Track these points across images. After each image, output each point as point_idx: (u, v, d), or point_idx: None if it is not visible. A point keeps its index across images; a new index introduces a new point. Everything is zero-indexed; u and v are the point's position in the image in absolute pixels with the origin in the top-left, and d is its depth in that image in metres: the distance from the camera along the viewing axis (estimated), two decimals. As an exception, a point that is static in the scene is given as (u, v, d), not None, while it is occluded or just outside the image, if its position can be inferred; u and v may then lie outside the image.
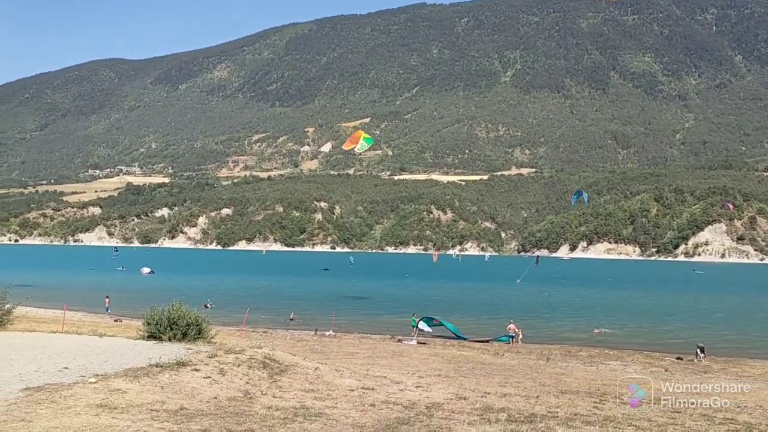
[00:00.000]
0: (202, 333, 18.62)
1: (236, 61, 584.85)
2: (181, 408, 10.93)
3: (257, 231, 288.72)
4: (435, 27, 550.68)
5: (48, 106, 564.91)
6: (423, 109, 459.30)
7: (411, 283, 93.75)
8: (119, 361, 14.06)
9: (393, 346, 32.64)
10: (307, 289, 76.81)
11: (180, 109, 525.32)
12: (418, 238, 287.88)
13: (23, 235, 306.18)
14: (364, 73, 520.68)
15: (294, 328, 41.29)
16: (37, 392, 10.88)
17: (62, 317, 33.48)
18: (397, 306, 56.09)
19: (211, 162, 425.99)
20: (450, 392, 15.02)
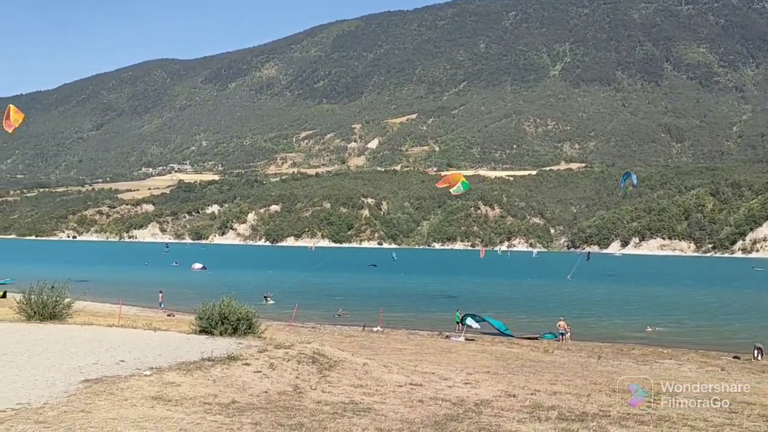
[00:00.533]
0: (252, 328, 18.86)
1: (284, 59, 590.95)
2: (233, 401, 11.11)
3: (305, 227, 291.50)
4: (482, 21, 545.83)
5: (104, 107, 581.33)
6: (470, 105, 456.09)
7: (459, 279, 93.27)
8: (173, 355, 14.36)
9: (441, 342, 32.55)
10: (355, 285, 77.22)
11: (229, 108, 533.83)
12: (465, 234, 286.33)
13: (81, 231, 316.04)
14: (410, 69, 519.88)
15: (342, 323, 41.58)
16: (95, 384, 11.20)
17: (118, 311, 34.44)
18: (445, 302, 55.92)
19: (259, 159, 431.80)
20: (499, 389, 14.90)
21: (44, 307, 21.24)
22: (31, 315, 21.15)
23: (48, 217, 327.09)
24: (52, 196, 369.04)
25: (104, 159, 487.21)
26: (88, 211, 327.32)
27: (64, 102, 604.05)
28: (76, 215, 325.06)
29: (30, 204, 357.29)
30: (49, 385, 10.98)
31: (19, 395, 10.19)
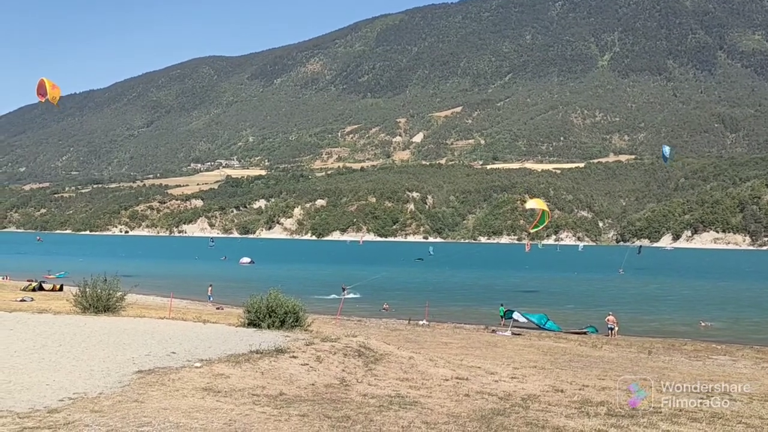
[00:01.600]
0: (299, 321, 19.09)
1: (328, 55, 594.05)
2: (281, 393, 11.25)
3: (350, 221, 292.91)
4: (528, 12, 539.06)
5: (153, 104, 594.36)
6: (516, 97, 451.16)
7: (505, 273, 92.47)
8: (222, 347, 14.63)
9: (487, 336, 32.35)
10: (400, 279, 77.26)
11: (275, 103, 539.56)
12: (511, 227, 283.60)
13: (132, 226, 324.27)
14: (455, 61, 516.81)
15: (387, 317, 41.67)
16: (148, 375, 11.49)
17: (169, 304, 35.23)
18: (490, 296, 55.51)
19: (305, 154, 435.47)
20: (546, 384, 14.73)
21: (98, 300, 21.91)
22: (87, 307, 21.84)
23: (101, 213, 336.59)
24: (105, 192, 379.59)
25: (154, 155, 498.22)
26: (140, 207, 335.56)
27: (115, 100, 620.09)
28: (128, 210, 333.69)
29: (84, 200, 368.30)
30: (104, 376, 11.30)
31: (76, 385, 10.52)
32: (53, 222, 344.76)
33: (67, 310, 22.75)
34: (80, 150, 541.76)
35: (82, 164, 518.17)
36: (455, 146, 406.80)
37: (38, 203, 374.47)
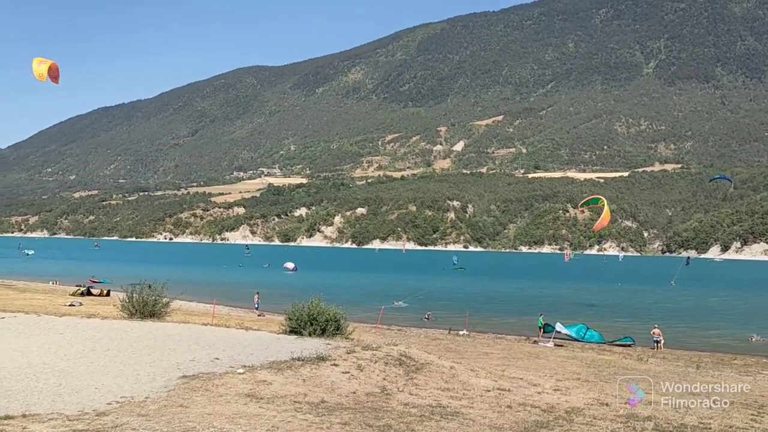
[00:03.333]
0: (340, 329, 19.15)
1: (370, 64, 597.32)
2: (322, 401, 11.29)
3: (391, 230, 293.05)
4: (571, 20, 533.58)
5: (198, 114, 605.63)
6: (558, 105, 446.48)
7: (547, 283, 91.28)
8: (264, 354, 14.76)
9: (528, 347, 31.95)
10: (441, 288, 76.91)
11: (317, 112, 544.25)
12: (553, 237, 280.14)
13: (177, 233, 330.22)
14: (497, 70, 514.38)
15: (428, 326, 41.51)
16: (192, 380, 11.65)
17: (212, 311, 35.71)
18: (531, 307, 54.81)
19: (346, 163, 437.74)
20: (591, 397, 14.47)
21: (144, 306, 22.35)
22: (133, 313, 22.29)
23: (147, 220, 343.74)
24: (151, 199, 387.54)
25: (198, 164, 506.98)
26: (184, 214, 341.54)
27: (162, 110, 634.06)
28: (172, 218, 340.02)
29: (131, 207, 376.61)
30: (150, 380, 11.50)
31: (123, 389, 10.73)
32: (101, 229, 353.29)
33: (114, 315, 23.26)
34: (127, 158, 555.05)
35: (129, 172, 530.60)
36: (496, 155, 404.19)
37: (87, 210, 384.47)
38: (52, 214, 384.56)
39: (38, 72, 20.64)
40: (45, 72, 20.71)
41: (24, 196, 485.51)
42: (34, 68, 20.56)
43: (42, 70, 20.65)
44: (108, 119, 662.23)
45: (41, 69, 20.61)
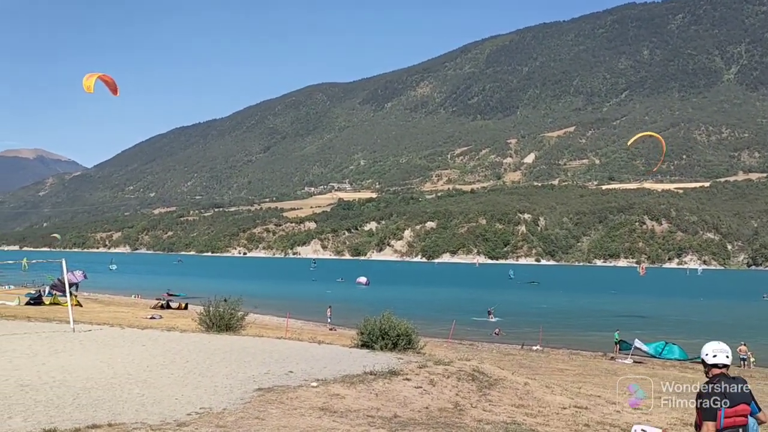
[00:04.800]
0: (411, 343, 19.09)
1: (438, 77, 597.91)
2: (395, 416, 11.26)
3: (461, 244, 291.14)
4: (646, 26, 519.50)
5: (270, 131, 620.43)
6: (633, 115, 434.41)
7: (623, 298, 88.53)
8: (336, 368, 14.87)
9: (605, 364, 31.03)
10: (512, 302, 75.79)
11: (386, 127, 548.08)
12: (629, 250, 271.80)
13: (250, 248, 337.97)
14: (567, 80, 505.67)
15: (500, 342, 40.95)
16: (267, 393, 11.85)
17: (285, 324, 36.29)
18: (607, 322, 53.26)
19: (415, 177, 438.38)
20: (673, 417, 13.90)
21: (221, 319, 22.93)
22: (210, 326, 22.90)
23: (222, 235, 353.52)
24: (226, 215, 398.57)
25: (270, 180, 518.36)
26: (257, 229, 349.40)
27: (235, 128, 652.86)
28: (246, 233, 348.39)
29: (207, 223, 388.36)
30: (228, 392, 11.77)
31: (202, 400, 11.03)
32: (179, 244, 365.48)
33: (192, 328, 23.97)
34: (203, 176, 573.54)
35: (205, 189, 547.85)
36: (568, 166, 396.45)
37: (166, 226, 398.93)
38: (133, 230, 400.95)
39: (86, 85, 21.62)
40: (92, 85, 21.72)
41: (108, 213, 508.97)
42: (84, 82, 21.62)
43: (90, 83, 21.64)
44: (185, 138, 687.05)
45: (89, 82, 21.58)
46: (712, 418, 5.58)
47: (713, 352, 5.95)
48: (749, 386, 5.97)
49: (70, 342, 18.44)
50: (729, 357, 5.87)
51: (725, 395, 5.62)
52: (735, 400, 5.65)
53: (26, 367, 13.73)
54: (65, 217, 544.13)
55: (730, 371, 5.95)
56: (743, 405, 5.68)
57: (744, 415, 5.71)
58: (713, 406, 5.60)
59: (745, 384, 5.87)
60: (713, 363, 5.92)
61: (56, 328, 22.51)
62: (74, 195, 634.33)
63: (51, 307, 39.32)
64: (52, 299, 42.65)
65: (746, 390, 5.79)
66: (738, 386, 5.76)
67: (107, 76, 21.49)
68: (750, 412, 5.76)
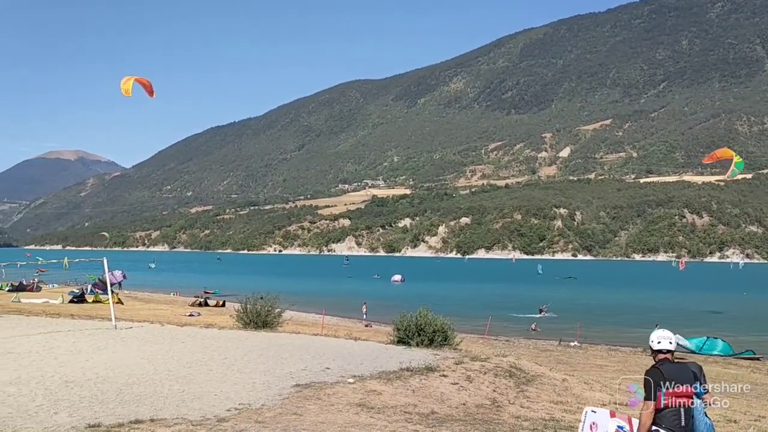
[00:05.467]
0: (447, 340, 19.04)
1: (471, 72, 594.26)
2: (432, 412, 11.25)
3: (496, 239, 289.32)
4: (684, 16, 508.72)
5: (304, 128, 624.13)
6: (671, 106, 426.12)
7: (662, 293, 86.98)
8: (373, 364, 14.91)
9: (645, 359, 30.49)
10: (549, 297, 75.00)
11: (419, 123, 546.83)
12: (669, 244, 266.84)
13: (285, 246, 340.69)
14: (603, 72, 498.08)
15: (536, 338, 40.59)
16: (305, 389, 11.94)
17: (321, 321, 36.51)
18: (647, 317, 52.37)
19: (449, 172, 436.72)
20: (716, 413, 13.61)
21: (258, 316, 23.17)
22: (247, 323, 23.17)
23: (258, 233, 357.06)
24: (261, 213, 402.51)
25: (305, 177, 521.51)
26: (292, 227, 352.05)
27: (270, 126, 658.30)
28: (281, 230, 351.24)
29: (243, 221, 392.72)
30: (266, 388, 11.89)
31: (240, 396, 11.16)
32: (215, 242, 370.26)
33: (230, 325, 24.27)
34: (239, 174, 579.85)
35: (241, 187, 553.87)
36: (605, 160, 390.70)
37: (203, 225, 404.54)
38: (171, 229, 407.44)
39: (124, 89, 21.85)
40: (130, 88, 21.95)
41: (146, 212, 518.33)
42: (121, 86, 21.83)
43: (128, 86, 21.87)
44: (221, 137, 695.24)
45: (127, 86, 21.81)
46: (651, 398, 6.05)
47: (657, 339, 6.42)
48: (701, 370, 6.43)
49: (112, 339, 18.85)
50: (672, 343, 6.38)
51: (665, 377, 6.02)
52: (676, 381, 6.02)
53: (71, 364, 14.07)
54: (105, 217, 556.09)
55: (689, 357, 6.22)
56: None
57: (687, 396, 6.06)
58: (653, 387, 6.05)
59: (693, 368, 6.31)
60: (658, 349, 6.39)
61: (99, 325, 23.01)
62: (114, 195, 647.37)
63: (93, 304, 40.22)
64: (95, 297, 43.60)
65: (691, 373, 6.18)
66: (681, 369, 6.22)
67: (144, 79, 21.77)
68: (695, 393, 6.13)
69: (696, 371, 6.32)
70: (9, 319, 24.52)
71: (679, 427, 6.08)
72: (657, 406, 6.06)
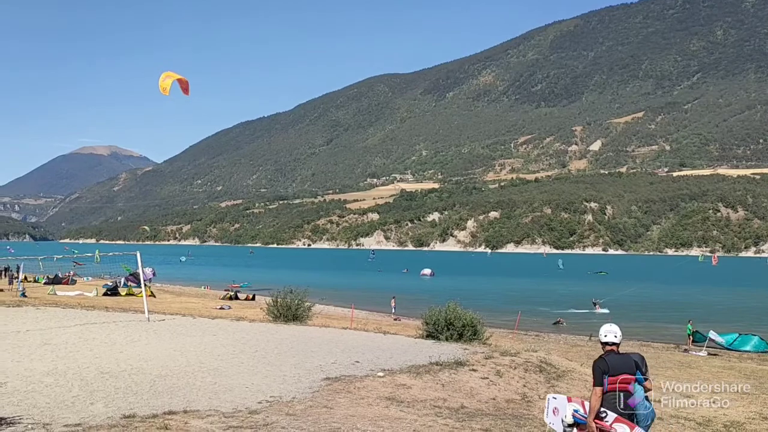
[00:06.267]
0: (477, 334, 18.99)
1: (501, 65, 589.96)
2: (462, 406, 11.24)
3: (525, 234, 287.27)
4: (719, 5, 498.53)
5: (332, 123, 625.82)
6: (705, 98, 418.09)
7: (695, 288, 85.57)
8: (402, 358, 14.93)
9: (678, 356, 30.08)
10: (577, 292, 74.30)
11: (447, 117, 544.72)
12: (702, 238, 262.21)
13: (314, 239, 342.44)
14: (635, 64, 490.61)
15: (566, 332, 40.25)
16: (335, 382, 12.01)
17: (350, 315, 36.65)
18: (679, 313, 51.58)
19: (478, 166, 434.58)
20: (752, 411, 13.39)
21: (288, 310, 23.36)
22: (277, 316, 23.36)
23: (287, 227, 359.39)
24: (290, 207, 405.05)
25: (333, 172, 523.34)
26: (321, 221, 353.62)
27: (299, 121, 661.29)
28: (310, 224, 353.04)
29: (272, 215, 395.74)
30: (296, 381, 11.98)
31: (271, 389, 11.26)
32: (245, 236, 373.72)
33: (260, 318, 24.49)
34: (268, 169, 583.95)
35: (270, 182, 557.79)
36: (636, 153, 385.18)
37: (233, 219, 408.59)
38: (201, 223, 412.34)
39: (162, 87, 21.56)
40: (168, 87, 21.59)
41: (177, 206, 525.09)
42: (160, 83, 21.48)
43: (166, 84, 21.51)
44: (250, 132, 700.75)
45: (165, 84, 21.47)
46: (599, 384, 6.96)
47: (605, 333, 7.37)
48: (643, 360, 7.32)
49: (146, 331, 19.15)
50: (617, 336, 7.23)
51: (609, 366, 6.96)
52: (618, 370, 6.96)
53: (106, 355, 14.33)
54: (138, 211, 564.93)
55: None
56: (626, 375, 6.96)
57: (628, 382, 6.98)
58: (600, 375, 6.98)
59: (634, 358, 7.18)
60: (605, 341, 7.33)
61: (132, 317, 23.40)
62: (146, 189, 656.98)
63: (126, 297, 40.88)
64: (128, 290, 44.31)
65: (632, 363, 7.08)
66: (624, 360, 7.10)
67: (182, 78, 21.74)
68: (635, 380, 7.03)
69: (638, 361, 7.20)
70: (46, 311, 25.05)
71: (617, 409, 6.95)
72: (602, 390, 6.95)
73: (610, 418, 6.89)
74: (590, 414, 7.04)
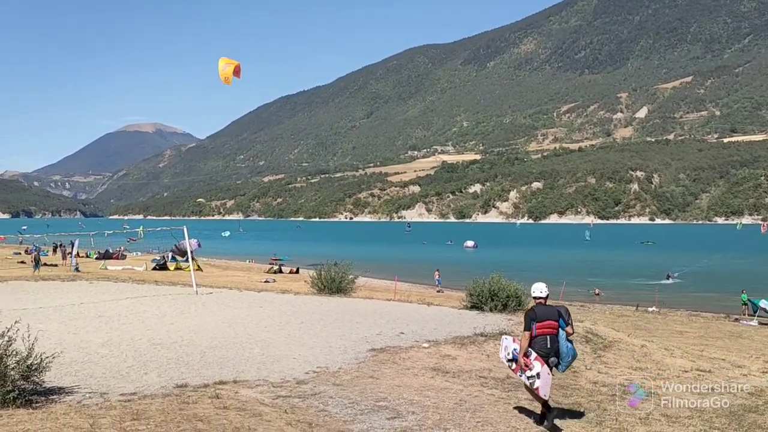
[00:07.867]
0: (522, 305, 18.88)
1: (542, 33, 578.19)
2: (507, 377, 11.21)
3: (569, 204, 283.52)
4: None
5: (372, 96, 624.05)
6: (757, 61, 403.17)
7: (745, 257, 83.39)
8: (447, 329, 14.96)
9: (728, 326, 29.50)
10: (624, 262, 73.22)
11: (488, 87, 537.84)
12: (754, 206, 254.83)
13: (356, 213, 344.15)
14: (684, 27, 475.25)
15: (612, 302, 39.80)
16: (380, 353, 12.11)
17: (394, 287, 36.81)
18: (730, 282, 50.42)
19: (520, 136, 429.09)
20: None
21: (332, 282, 23.58)
22: (322, 288, 23.62)
23: (328, 201, 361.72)
24: (331, 181, 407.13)
25: (374, 144, 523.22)
26: (362, 194, 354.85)
27: (339, 94, 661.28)
28: (351, 198, 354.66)
29: (313, 189, 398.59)
30: (342, 352, 12.13)
31: (318, 359, 11.43)
32: (288, 210, 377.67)
33: (305, 291, 24.79)
34: (309, 143, 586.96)
35: (311, 156, 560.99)
36: (684, 120, 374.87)
37: (275, 193, 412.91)
38: (245, 198, 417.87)
39: (223, 76, 20.69)
40: (230, 74, 20.71)
41: (221, 181, 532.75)
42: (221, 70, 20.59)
43: (228, 72, 20.64)
44: (291, 107, 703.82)
45: (227, 71, 20.59)
46: (527, 329, 8.34)
47: (534, 289, 8.66)
48: (567, 311, 8.56)
49: (194, 304, 19.58)
50: (542, 292, 8.57)
51: (537, 315, 8.34)
52: (543, 317, 8.33)
53: (157, 327, 14.72)
54: (183, 187, 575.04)
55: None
56: (550, 321, 8.34)
57: (552, 327, 8.36)
58: (529, 322, 8.34)
59: (559, 309, 8.53)
60: (535, 296, 8.62)
61: (181, 291, 23.95)
62: (190, 165, 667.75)
63: (175, 271, 41.83)
64: (176, 265, 45.32)
65: (556, 312, 8.44)
66: (549, 310, 8.44)
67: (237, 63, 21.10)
68: (558, 326, 8.39)
69: (561, 311, 8.52)
70: (99, 285, 25.81)
71: (545, 349, 8.33)
72: (531, 335, 8.30)
73: (532, 356, 8.32)
74: (520, 352, 8.50)
